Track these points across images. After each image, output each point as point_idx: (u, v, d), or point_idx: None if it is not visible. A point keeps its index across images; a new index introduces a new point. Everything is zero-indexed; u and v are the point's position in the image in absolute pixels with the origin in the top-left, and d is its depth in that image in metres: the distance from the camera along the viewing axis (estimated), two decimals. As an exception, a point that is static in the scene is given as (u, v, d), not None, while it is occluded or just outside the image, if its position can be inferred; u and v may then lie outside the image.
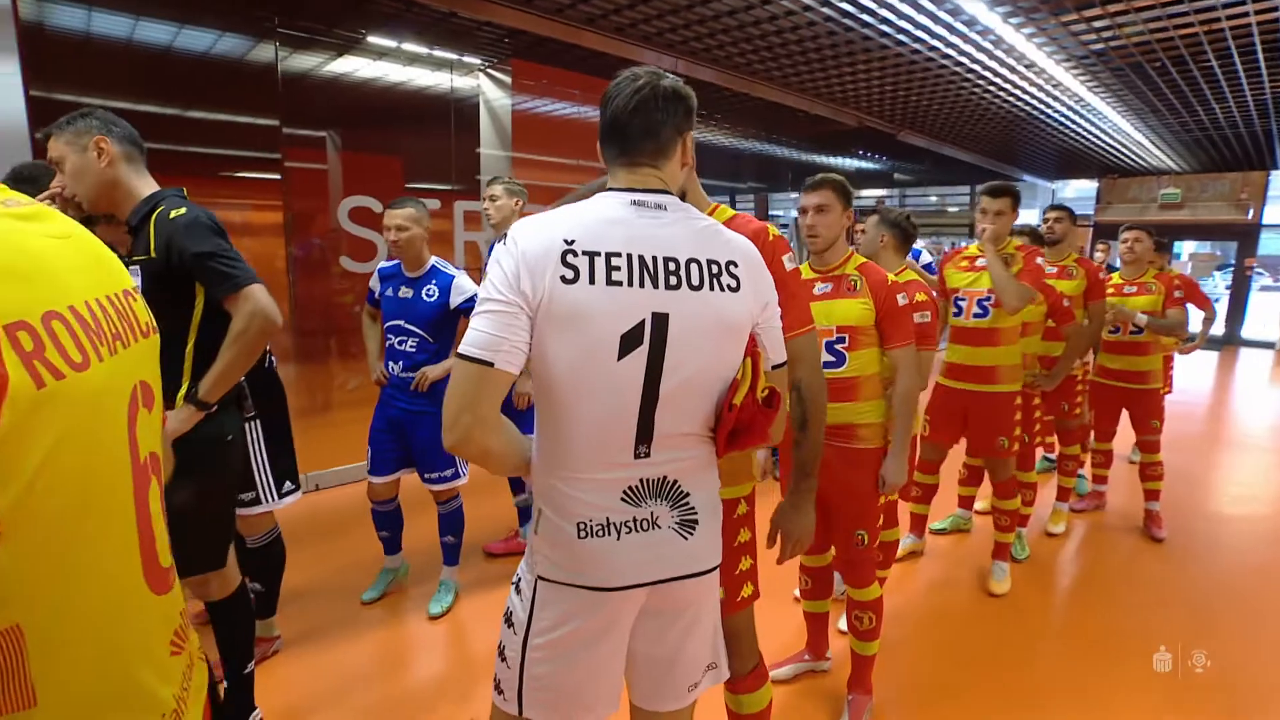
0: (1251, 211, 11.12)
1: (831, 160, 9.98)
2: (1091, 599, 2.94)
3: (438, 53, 5.23)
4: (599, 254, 1.01)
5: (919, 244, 5.94)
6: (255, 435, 2.22)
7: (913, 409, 2.11)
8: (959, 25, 4.53)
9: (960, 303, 2.86)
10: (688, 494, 1.11)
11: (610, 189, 1.11)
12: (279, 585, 2.48)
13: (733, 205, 8.72)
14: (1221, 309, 12.20)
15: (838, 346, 2.07)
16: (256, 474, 2.21)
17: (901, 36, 4.76)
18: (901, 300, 2.08)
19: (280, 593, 2.50)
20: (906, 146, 8.57)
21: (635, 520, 1.08)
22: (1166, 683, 2.39)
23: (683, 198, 1.36)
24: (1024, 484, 3.19)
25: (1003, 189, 2.74)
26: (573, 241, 1.01)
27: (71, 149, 1.66)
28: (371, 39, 5.12)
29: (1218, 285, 20.32)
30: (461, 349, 1.01)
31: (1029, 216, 13.99)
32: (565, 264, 1.00)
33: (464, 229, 5.18)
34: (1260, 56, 5.16)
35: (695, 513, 1.12)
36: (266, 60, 4.27)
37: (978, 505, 3.66)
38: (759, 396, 1.10)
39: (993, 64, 5.42)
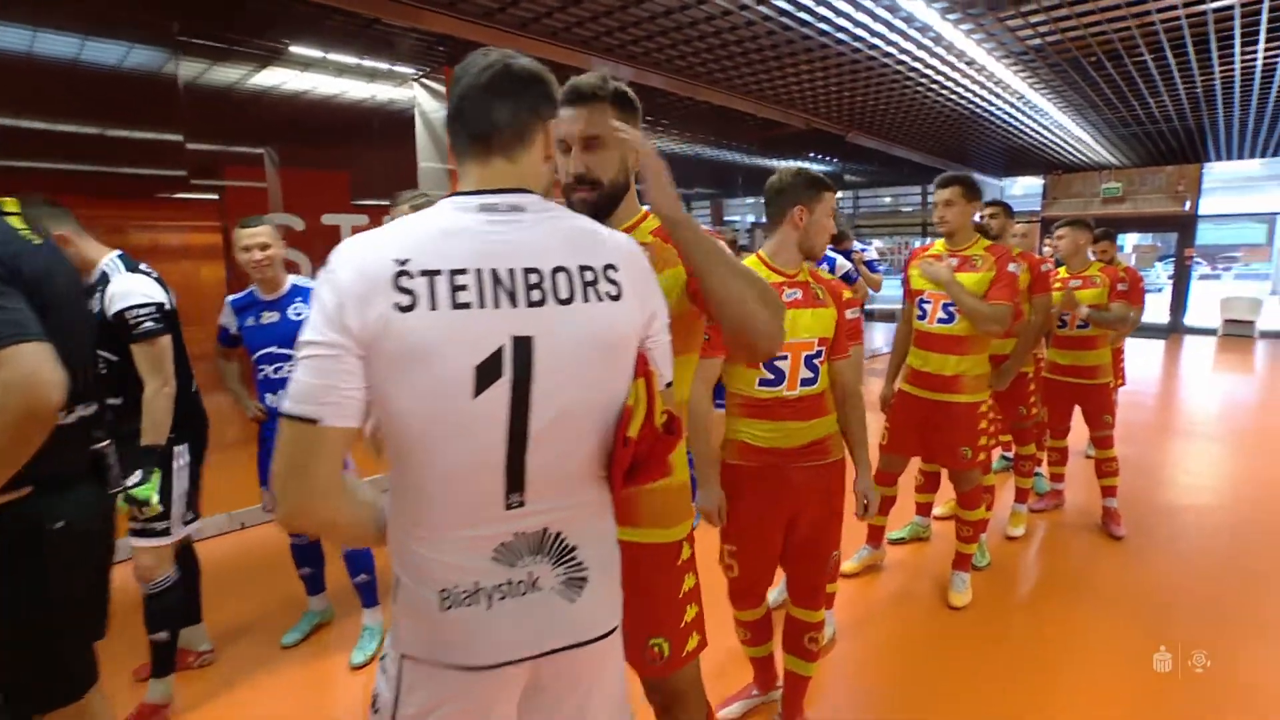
0: (1188, 203, 11.46)
1: (783, 164, 9.98)
2: (1053, 605, 2.85)
3: (367, 63, 5.01)
4: (439, 273, 0.84)
5: (860, 244, 5.91)
6: (181, 461, 2.20)
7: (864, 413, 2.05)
8: (899, 23, 4.50)
9: (925, 305, 2.69)
10: (574, 548, 0.94)
11: (456, 193, 0.94)
12: (176, 639, 2.25)
13: (688, 211, 8.62)
14: (1165, 299, 12.56)
15: (816, 361, 1.90)
16: (175, 502, 2.16)
17: (842, 35, 4.71)
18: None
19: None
20: (856, 148, 8.60)
21: (510, 583, 0.90)
22: (1135, 690, 2.30)
23: (608, 203, 1.25)
24: (983, 488, 3.09)
25: (951, 178, 2.63)
26: (406, 261, 0.83)
27: None
28: (296, 49, 4.90)
29: (1160, 275, 21.05)
30: (282, 406, 0.84)
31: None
32: (398, 289, 0.82)
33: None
34: (1190, 51, 5.25)
35: (584, 569, 0.95)
36: (172, 73, 4.01)
37: (937, 510, 3.56)
38: (658, 423, 0.95)
39: (935, 62, 5.42)
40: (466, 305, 0.84)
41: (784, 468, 1.89)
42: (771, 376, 1.86)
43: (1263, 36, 4.84)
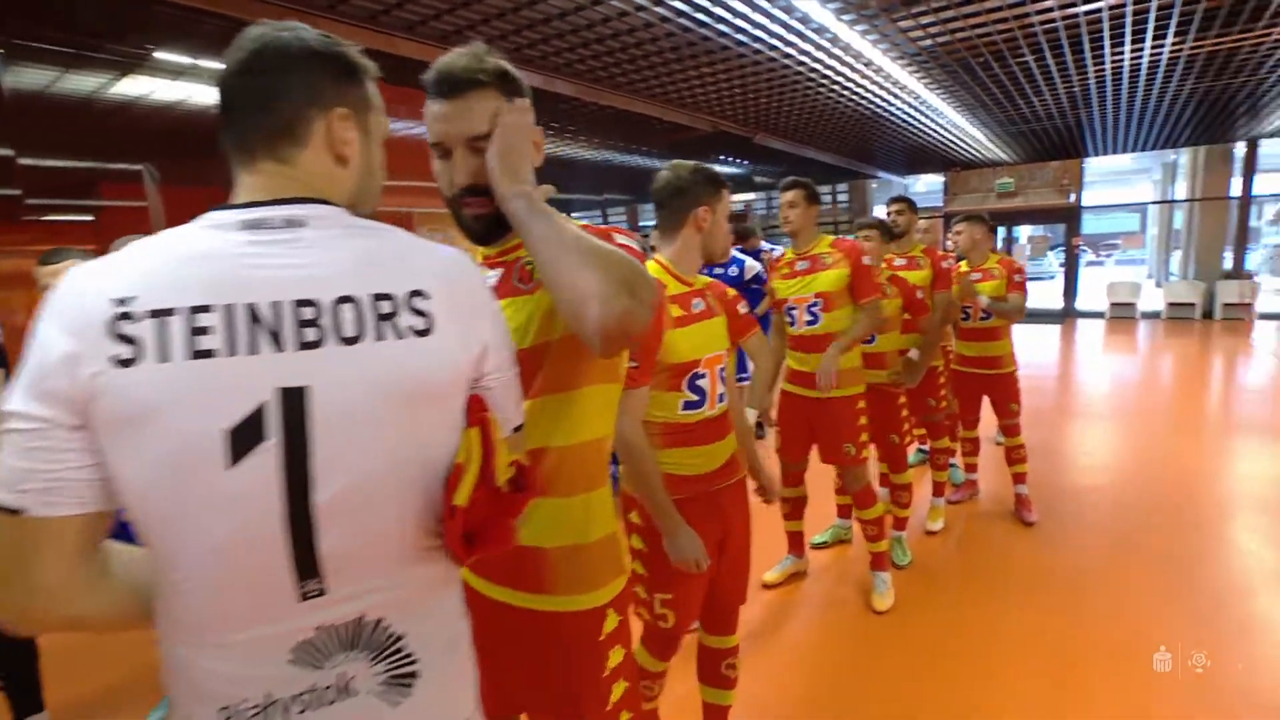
0: (1073, 196, 12.25)
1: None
2: (975, 599, 2.86)
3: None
4: (173, 312, 0.64)
5: (768, 244, 5.92)
6: None
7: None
8: (795, 24, 4.51)
9: (792, 312, 2.70)
10: (400, 636, 0.75)
11: (216, 206, 0.74)
12: (36, 677, 2.08)
13: (604, 219, 8.50)
14: (1057, 285, 13.37)
15: (724, 373, 1.80)
16: None
17: (742, 37, 4.69)
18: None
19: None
20: (765, 149, 8.70)
21: (314, 690, 0.71)
22: (1056, 675, 2.31)
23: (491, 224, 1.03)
24: (899, 486, 3.10)
25: (793, 182, 2.64)
26: (128, 300, 0.64)
27: None
28: (160, 55, 4.48)
29: (1053, 264, 22.54)
30: None
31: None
32: (116, 338, 0.63)
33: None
34: (1066, 52, 5.53)
35: (413, 661, 0.76)
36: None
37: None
38: (500, 481, 0.77)
39: (834, 64, 5.49)
40: (209, 353, 0.65)
41: (712, 492, 1.76)
42: (695, 398, 1.71)
43: (1128, 39, 5.14)
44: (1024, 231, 19.19)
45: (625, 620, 1.16)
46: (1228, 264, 11.62)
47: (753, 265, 4.60)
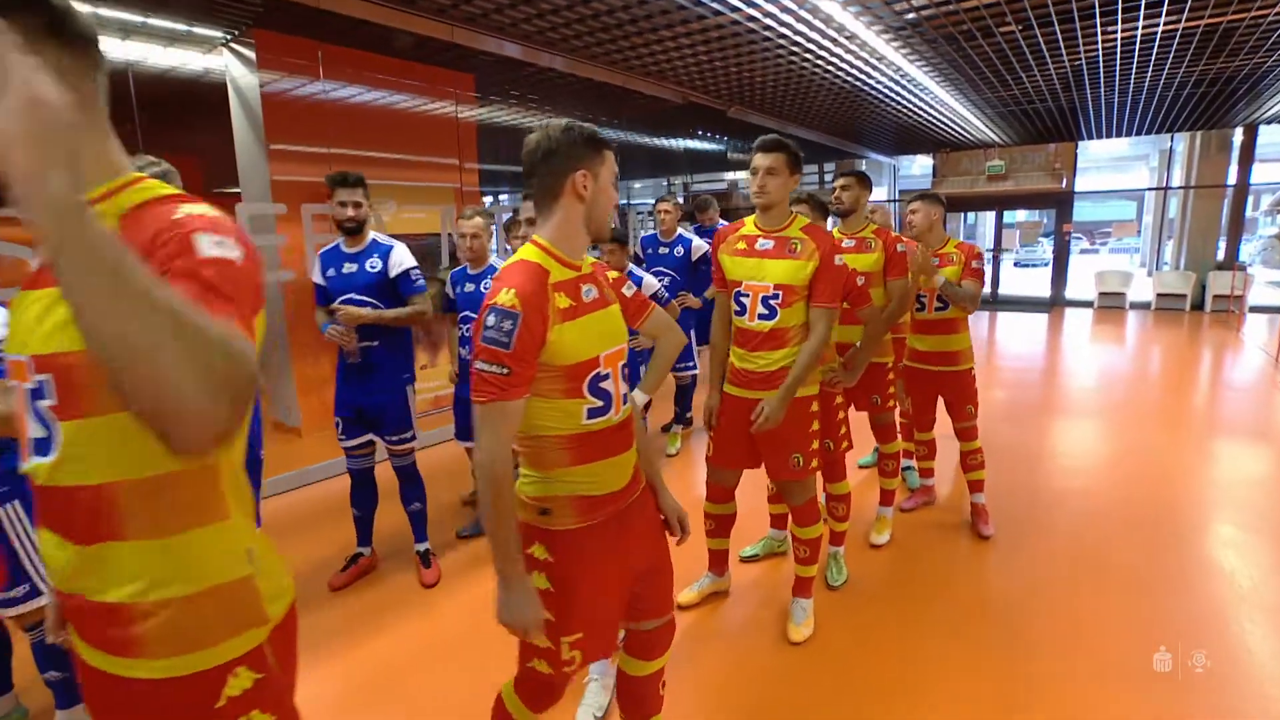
0: (1065, 180, 11.90)
1: (666, 142, 9.58)
2: (912, 624, 2.60)
3: (155, 22, 4.24)
4: None
5: (725, 223, 5.54)
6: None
7: None
8: (758, -14, 4.14)
9: (742, 300, 2.30)
10: None
11: None
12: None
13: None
14: (1046, 272, 13.08)
15: (625, 369, 1.54)
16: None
17: (716, 4, 4.32)
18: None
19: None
20: (742, 125, 8.30)
21: None
22: (996, 711, 2.06)
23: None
24: (836, 497, 2.81)
25: (775, 142, 2.21)
26: None
27: None
28: (106, 12, 4.06)
29: (1046, 250, 22.21)
30: None
31: (879, 194, 14.39)
32: None
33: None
34: (1056, 27, 5.18)
35: None
36: None
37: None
38: None
39: (810, 33, 5.12)
40: None
41: (623, 512, 1.49)
42: (600, 403, 1.42)
43: (1120, 12, 4.78)
44: (1018, 216, 18.88)
45: (269, 677, 0.94)
46: (1221, 254, 11.34)
47: (700, 245, 4.28)
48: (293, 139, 4.52)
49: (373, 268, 2.78)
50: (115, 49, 4.57)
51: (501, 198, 11.71)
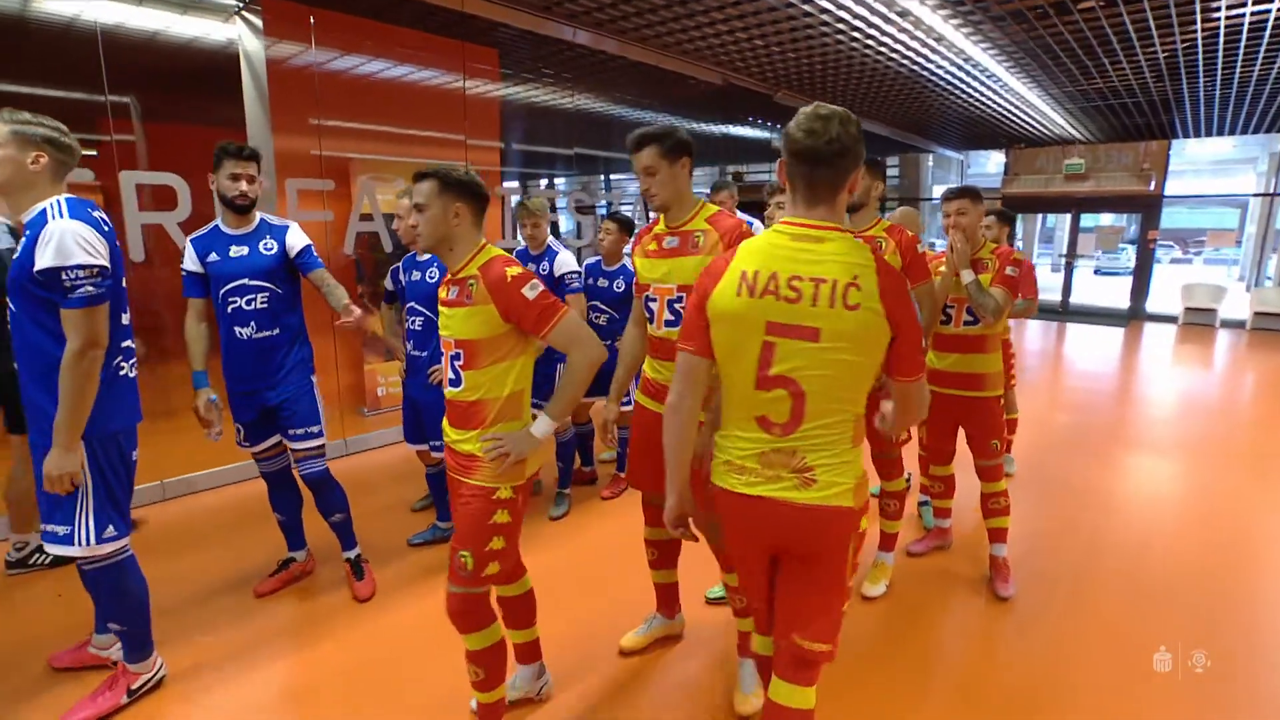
0: (1154, 183, 10.84)
1: (703, 126, 9.11)
2: (893, 697, 2.19)
3: (167, -13, 4.12)
4: None
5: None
6: None
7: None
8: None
9: (650, 305, 2.01)
10: None
11: None
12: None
13: (607, 187, 7.79)
14: (1127, 282, 12.00)
15: None
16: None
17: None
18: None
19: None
20: (790, 111, 7.79)
21: None
22: None
23: None
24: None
25: (639, 139, 1.93)
26: None
27: None
28: None
29: (1131, 258, 20.50)
30: None
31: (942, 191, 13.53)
32: None
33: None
34: (1148, 9, 4.53)
35: None
36: None
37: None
38: None
39: (860, 9, 4.64)
40: None
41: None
42: None
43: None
44: (1105, 219, 17.48)
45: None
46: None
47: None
48: (298, 111, 4.36)
49: (268, 249, 2.49)
50: (133, 16, 4.50)
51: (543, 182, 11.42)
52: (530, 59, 5.72)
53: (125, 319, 1.96)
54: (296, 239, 2.55)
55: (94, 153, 3.66)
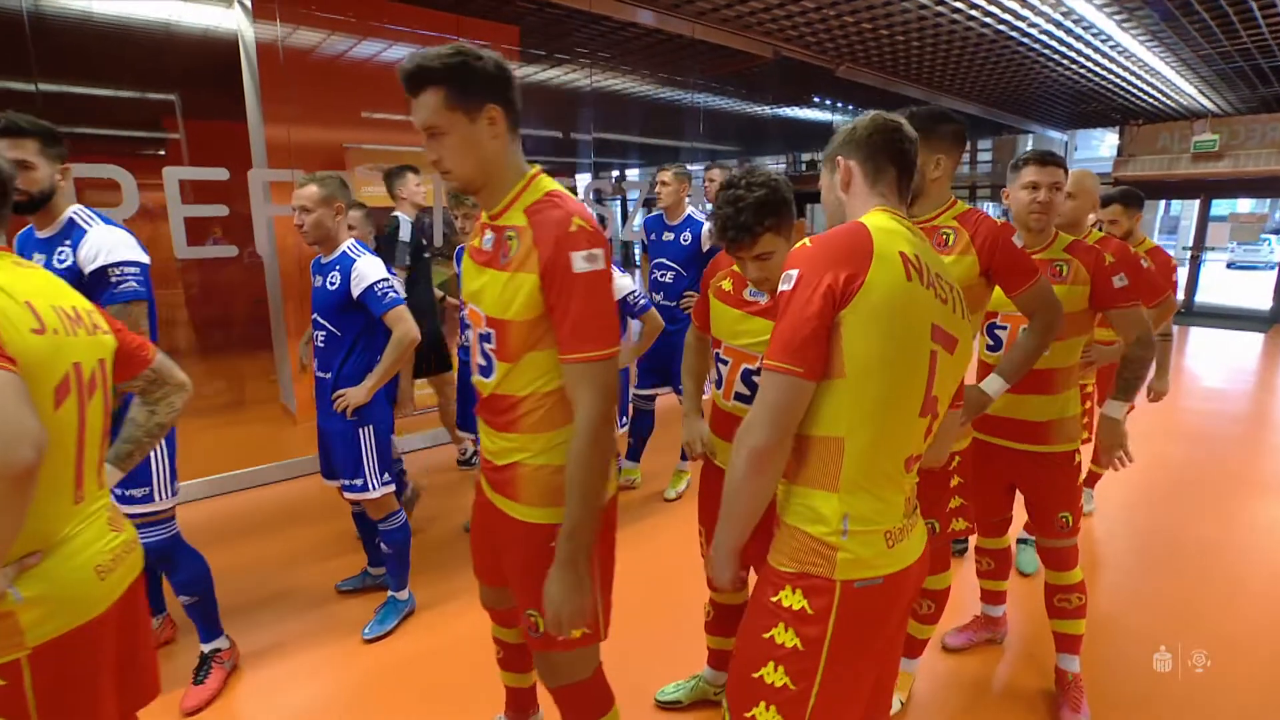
0: (1309, 162, 9.15)
1: (757, 109, 8.32)
2: None
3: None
4: None
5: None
6: None
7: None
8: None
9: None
10: None
11: None
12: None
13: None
14: (1269, 279, 10.28)
15: None
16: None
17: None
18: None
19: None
20: (858, 89, 6.93)
21: None
22: None
23: None
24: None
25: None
26: None
27: None
28: None
29: (1275, 250, 17.78)
30: None
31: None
32: None
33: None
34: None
35: None
36: None
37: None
38: None
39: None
40: None
41: None
42: None
43: None
44: (1242, 205, 15.27)
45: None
46: None
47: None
48: (292, 99, 4.06)
49: (61, 260, 1.80)
50: (148, 9, 4.33)
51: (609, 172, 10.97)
52: (559, 35, 5.23)
53: None
54: (103, 249, 1.81)
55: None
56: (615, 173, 10.54)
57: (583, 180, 6.60)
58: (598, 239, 1.18)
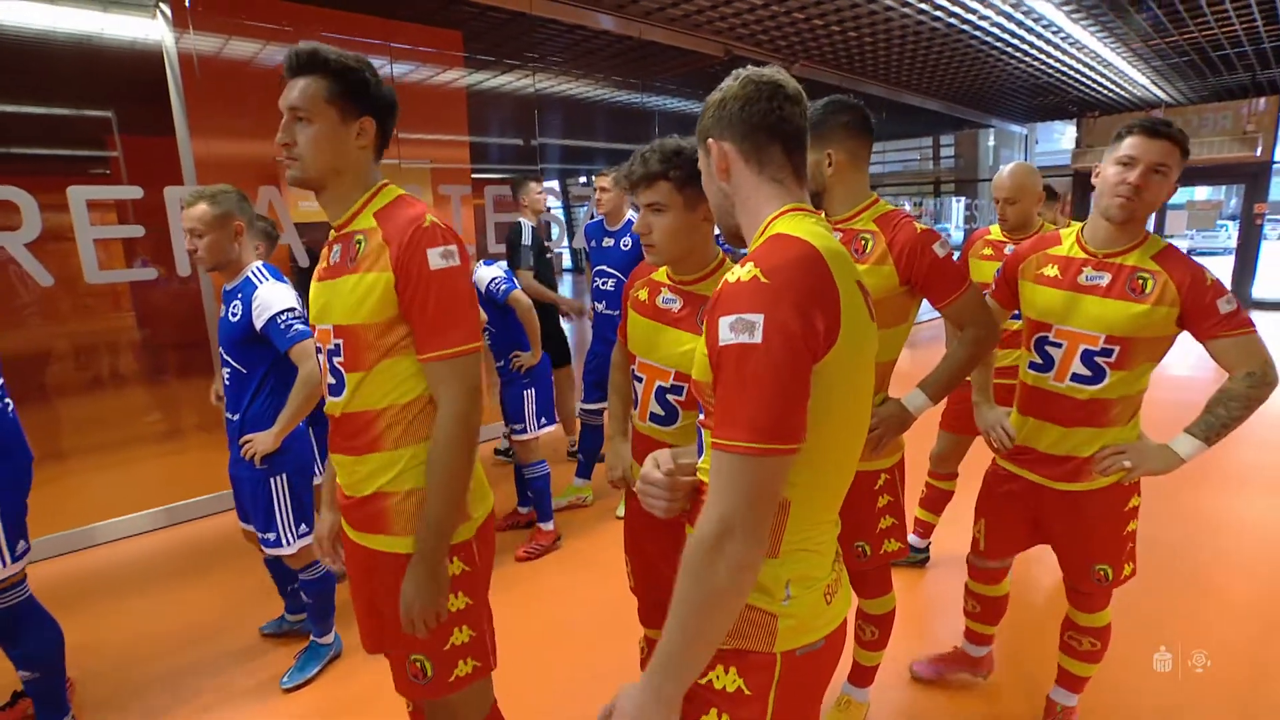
0: (1260, 147, 9.30)
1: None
2: None
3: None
4: None
5: None
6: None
7: None
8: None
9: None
10: None
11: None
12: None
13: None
14: (1228, 264, 10.44)
15: None
16: None
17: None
18: None
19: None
20: (817, 86, 6.88)
21: None
22: None
23: None
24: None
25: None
26: None
27: None
28: None
29: (1231, 236, 18.19)
30: None
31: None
32: None
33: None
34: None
35: None
36: None
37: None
38: None
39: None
40: None
41: None
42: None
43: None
44: (1199, 193, 15.56)
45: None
46: None
47: None
48: (220, 112, 3.86)
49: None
50: (68, 19, 4.08)
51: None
52: (503, 39, 5.07)
53: None
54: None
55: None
56: (583, 179, 10.38)
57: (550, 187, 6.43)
58: (451, 235, 1.16)
